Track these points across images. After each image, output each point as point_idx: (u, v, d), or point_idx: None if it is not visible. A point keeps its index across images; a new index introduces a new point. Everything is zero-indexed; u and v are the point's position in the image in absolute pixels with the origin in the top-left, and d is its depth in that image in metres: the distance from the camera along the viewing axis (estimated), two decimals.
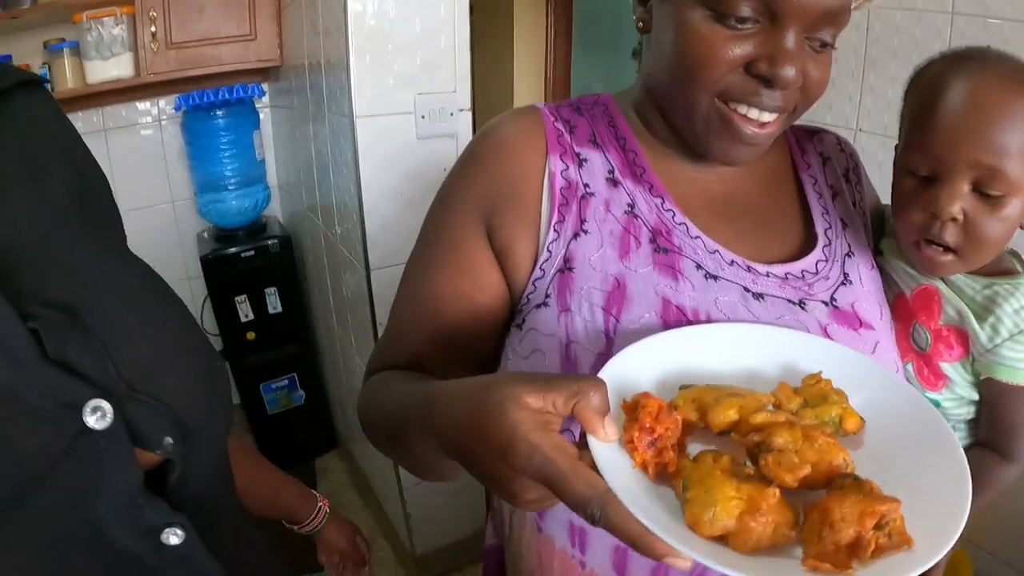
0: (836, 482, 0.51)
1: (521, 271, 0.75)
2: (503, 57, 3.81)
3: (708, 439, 0.57)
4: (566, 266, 0.73)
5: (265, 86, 2.81)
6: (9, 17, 2.38)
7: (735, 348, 0.66)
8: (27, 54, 2.62)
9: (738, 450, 0.54)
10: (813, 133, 0.91)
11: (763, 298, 0.73)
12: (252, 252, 2.66)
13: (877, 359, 0.73)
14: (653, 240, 0.73)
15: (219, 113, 2.62)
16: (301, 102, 2.36)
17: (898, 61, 1.70)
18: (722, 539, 0.47)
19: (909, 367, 0.84)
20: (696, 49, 0.66)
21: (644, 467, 0.51)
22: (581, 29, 3.75)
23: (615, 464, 0.50)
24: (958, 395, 0.82)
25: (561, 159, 0.76)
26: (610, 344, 0.68)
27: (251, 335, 2.74)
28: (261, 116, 2.83)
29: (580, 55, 3.80)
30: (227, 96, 2.56)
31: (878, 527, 0.46)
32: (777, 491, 0.48)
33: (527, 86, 3.82)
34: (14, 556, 0.38)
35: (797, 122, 0.82)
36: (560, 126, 0.78)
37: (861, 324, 0.76)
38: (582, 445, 0.51)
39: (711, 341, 0.66)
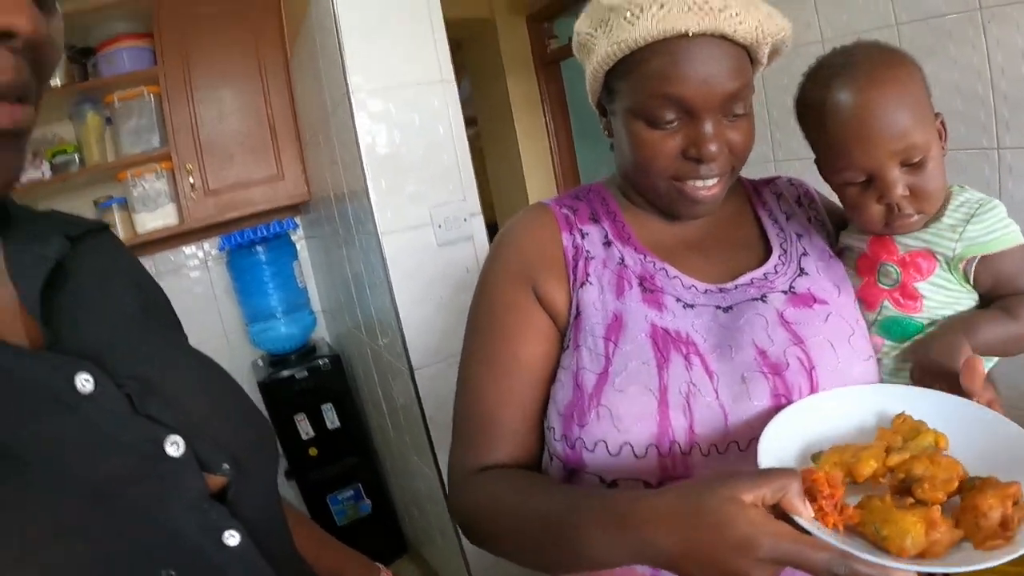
0: (966, 485, 0.65)
1: (561, 320, 0.92)
2: (511, 157, 4.02)
3: (850, 489, 0.69)
4: (577, 312, 0.90)
5: (298, 219, 3.03)
6: (59, 180, 2.67)
7: (841, 410, 0.81)
8: (79, 211, 2.88)
9: (878, 490, 0.68)
10: (768, 181, 1.09)
11: (731, 309, 0.89)
12: (305, 373, 2.83)
13: (829, 325, 0.89)
14: (641, 284, 0.91)
15: (259, 249, 2.84)
16: (332, 230, 2.55)
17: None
18: (920, 555, 0.60)
19: (887, 304, 0.93)
20: (644, 151, 0.87)
21: (835, 527, 0.63)
22: (578, 120, 3.96)
23: (818, 529, 0.61)
24: (941, 305, 0.90)
25: (570, 233, 0.95)
26: (608, 364, 0.84)
27: (313, 451, 2.87)
28: (298, 247, 3.05)
29: (582, 143, 4.00)
30: (265, 232, 2.78)
31: (1015, 504, 0.60)
32: (938, 508, 0.62)
33: (538, 179, 4.01)
34: (107, 539, 0.50)
35: (754, 177, 1.04)
36: (566, 211, 0.98)
37: (815, 301, 0.91)
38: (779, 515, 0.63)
39: (821, 408, 0.80)
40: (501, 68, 3.90)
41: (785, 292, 0.91)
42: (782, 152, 2.46)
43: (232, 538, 0.58)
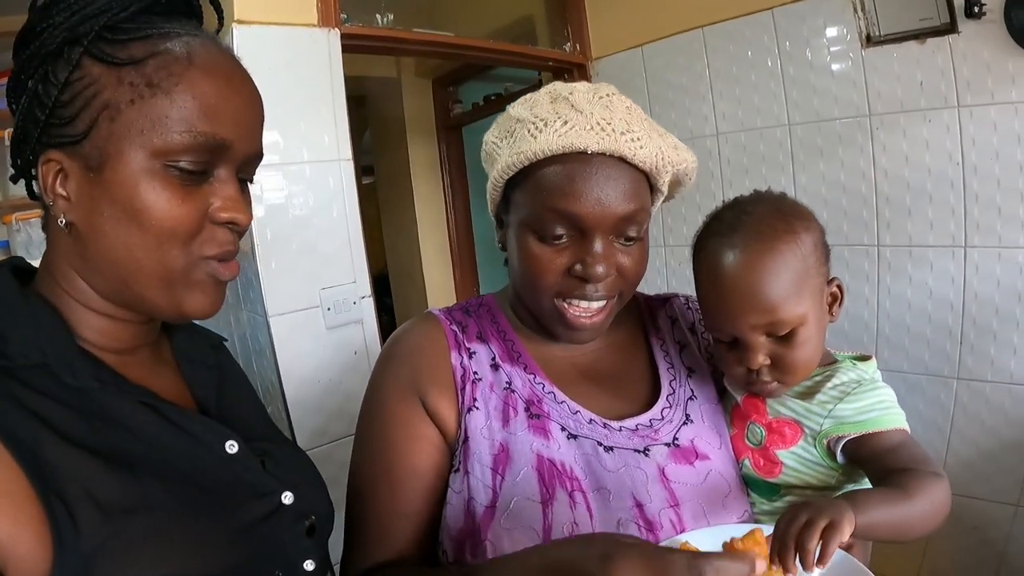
0: None
1: (449, 436, 0.93)
2: (406, 215, 4.02)
3: None
4: (465, 437, 0.91)
5: None
6: None
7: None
8: None
9: None
10: (665, 300, 1.12)
11: (612, 450, 0.91)
12: None
13: (707, 485, 0.91)
14: (527, 408, 0.92)
15: None
16: None
17: None
18: None
19: (747, 462, 0.96)
20: (532, 264, 0.89)
21: None
22: (476, 186, 4.00)
23: None
24: (797, 475, 0.92)
25: (458, 353, 0.96)
26: (495, 497, 0.87)
27: None
28: None
29: (478, 209, 4.03)
30: None
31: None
32: None
33: (432, 240, 4.03)
34: (240, 549, 0.70)
35: (652, 293, 1.09)
36: (455, 327, 0.99)
37: (697, 456, 0.93)
38: None
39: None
40: (403, 127, 3.92)
41: (668, 444, 0.93)
42: (672, 238, 2.58)
43: (311, 564, 0.80)
